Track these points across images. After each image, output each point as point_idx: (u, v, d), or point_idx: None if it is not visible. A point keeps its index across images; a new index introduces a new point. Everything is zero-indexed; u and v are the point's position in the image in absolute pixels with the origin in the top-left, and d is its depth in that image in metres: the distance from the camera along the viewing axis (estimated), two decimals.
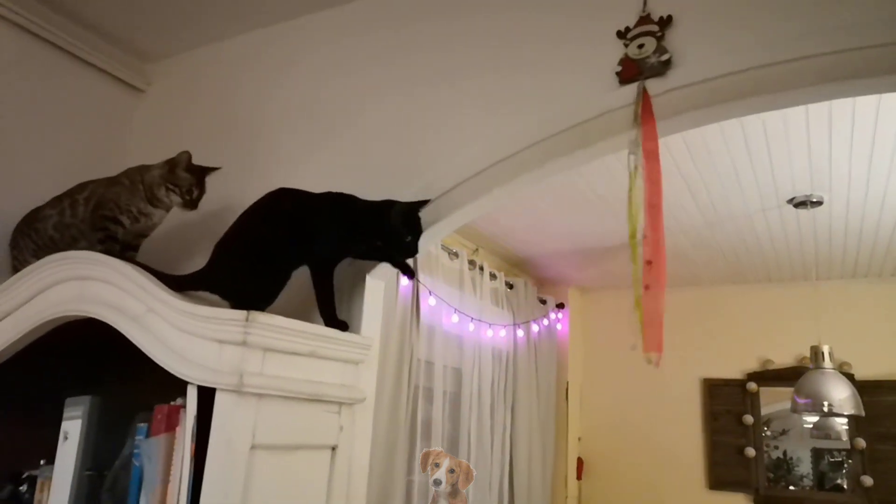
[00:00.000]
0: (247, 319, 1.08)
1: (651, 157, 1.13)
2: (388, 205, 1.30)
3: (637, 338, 1.11)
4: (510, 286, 3.81)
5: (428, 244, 2.09)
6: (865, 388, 3.30)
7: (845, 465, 3.65)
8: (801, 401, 2.71)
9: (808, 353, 2.92)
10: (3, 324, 1.39)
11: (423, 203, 1.31)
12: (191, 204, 1.47)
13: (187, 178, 1.46)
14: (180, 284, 1.28)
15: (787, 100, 1.17)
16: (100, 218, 1.46)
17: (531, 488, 3.65)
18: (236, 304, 1.19)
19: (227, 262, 1.30)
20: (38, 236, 1.52)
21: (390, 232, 1.27)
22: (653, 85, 1.19)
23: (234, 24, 1.87)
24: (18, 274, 1.41)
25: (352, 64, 1.67)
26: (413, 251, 1.30)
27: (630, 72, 1.22)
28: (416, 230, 1.30)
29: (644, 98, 1.17)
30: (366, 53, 1.66)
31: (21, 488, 1.42)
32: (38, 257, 1.42)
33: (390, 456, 2.59)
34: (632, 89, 1.21)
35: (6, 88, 1.74)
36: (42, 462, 1.37)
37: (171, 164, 1.47)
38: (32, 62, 1.81)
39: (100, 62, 1.96)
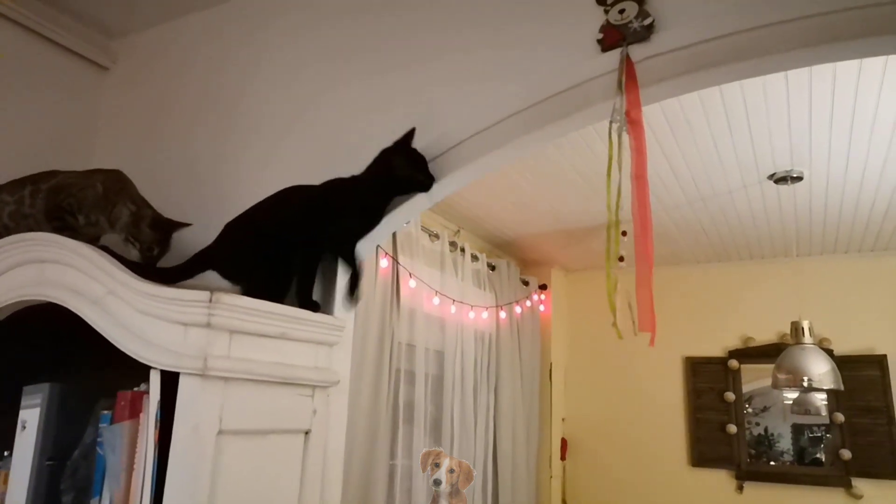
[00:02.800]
0: (211, 300, 1.03)
1: (636, 125, 1.09)
2: (383, 159, 1.28)
3: (616, 313, 1.08)
4: (492, 267, 3.77)
5: (401, 225, 2.05)
6: (844, 363, 3.33)
7: (824, 440, 3.70)
8: (781, 376, 2.72)
9: (788, 330, 2.93)
10: None
11: (410, 134, 1.28)
12: (149, 259, 1.36)
13: (150, 235, 1.34)
14: (180, 273, 1.25)
15: (774, 64, 1.13)
16: (56, 207, 1.38)
17: (515, 469, 3.65)
18: (246, 290, 1.18)
19: (242, 246, 1.27)
20: None
21: (403, 180, 1.27)
22: (636, 51, 1.14)
23: None
24: None
25: (325, 36, 1.61)
26: (430, 181, 1.29)
27: (612, 38, 1.17)
28: (422, 164, 1.28)
29: (627, 65, 1.12)
30: (338, 25, 1.59)
31: None
32: None
33: (372, 440, 2.56)
34: (614, 56, 1.16)
35: None
36: (6, 453, 1.31)
37: (136, 217, 1.36)
38: None
39: (62, 39, 1.87)
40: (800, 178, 2.74)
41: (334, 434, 1.30)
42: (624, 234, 1.07)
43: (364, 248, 1.40)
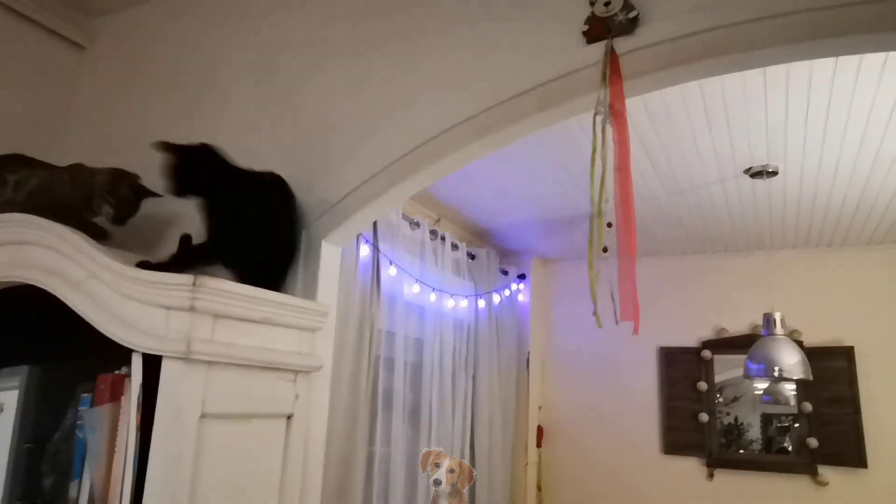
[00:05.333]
0: (194, 284, 1.03)
1: (619, 118, 1.11)
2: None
3: (597, 302, 1.10)
4: (472, 256, 3.79)
5: (384, 211, 2.05)
6: (813, 354, 3.41)
7: (791, 430, 3.79)
8: (753, 366, 2.78)
9: (760, 321, 2.99)
10: None
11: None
12: (120, 220, 1.40)
13: (127, 194, 1.40)
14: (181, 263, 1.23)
15: (755, 59, 1.15)
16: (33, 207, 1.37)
17: (491, 456, 3.69)
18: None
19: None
20: None
21: None
22: (620, 44, 1.16)
23: None
24: None
25: (304, 21, 1.60)
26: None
27: (597, 30, 1.19)
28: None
29: (612, 57, 1.14)
30: (319, 11, 1.58)
31: None
32: None
33: (351, 427, 2.56)
34: (598, 48, 1.18)
35: None
36: None
37: (114, 177, 1.40)
38: None
39: (39, 17, 1.84)
40: (775, 173, 2.79)
41: (316, 419, 1.31)
42: (609, 225, 1.09)
43: None
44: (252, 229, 1.26)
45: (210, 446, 1.04)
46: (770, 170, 2.77)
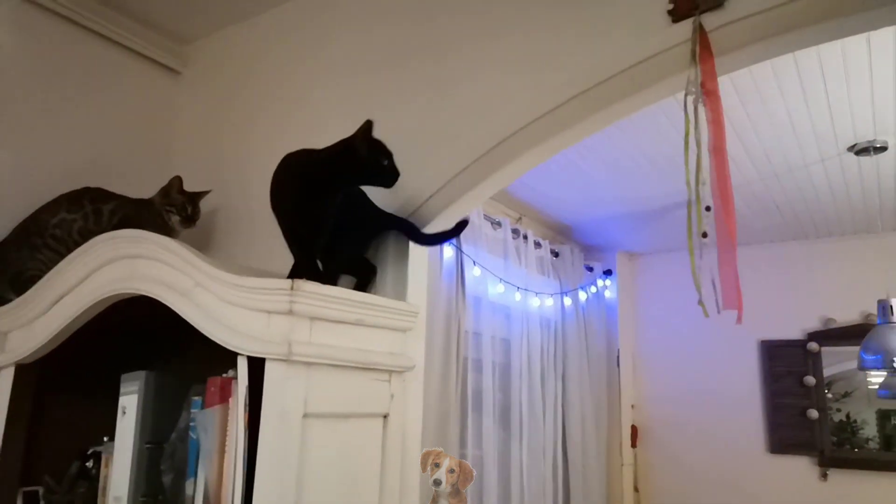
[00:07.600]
0: (292, 288, 1.06)
1: (712, 97, 1.06)
2: (343, 142, 1.27)
3: (700, 290, 1.05)
4: (556, 254, 3.74)
5: (468, 210, 2.06)
6: None
7: None
8: (868, 357, 2.58)
9: (873, 310, 2.78)
10: (60, 305, 1.41)
11: (369, 125, 1.26)
12: (188, 221, 1.64)
13: (179, 198, 1.63)
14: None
15: (858, 24, 1.07)
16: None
17: (585, 456, 3.61)
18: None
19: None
20: (58, 243, 1.53)
21: (366, 164, 1.25)
22: (709, 19, 1.11)
23: None
24: (70, 256, 1.42)
25: (384, 29, 1.62)
26: (396, 174, 1.29)
27: (683, 7, 1.14)
28: (385, 150, 1.28)
29: (701, 34, 1.09)
30: (398, 16, 1.61)
31: (88, 464, 1.46)
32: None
33: (443, 428, 2.58)
34: (686, 26, 1.13)
35: (46, 75, 1.75)
36: (105, 439, 1.40)
37: (164, 190, 1.64)
38: (69, 48, 1.81)
39: (135, 45, 1.96)
40: (884, 149, 2.59)
41: (412, 418, 1.32)
42: (707, 209, 1.04)
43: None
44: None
45: (313, 445, 1.07)
46: (878, 145, 2.57)
